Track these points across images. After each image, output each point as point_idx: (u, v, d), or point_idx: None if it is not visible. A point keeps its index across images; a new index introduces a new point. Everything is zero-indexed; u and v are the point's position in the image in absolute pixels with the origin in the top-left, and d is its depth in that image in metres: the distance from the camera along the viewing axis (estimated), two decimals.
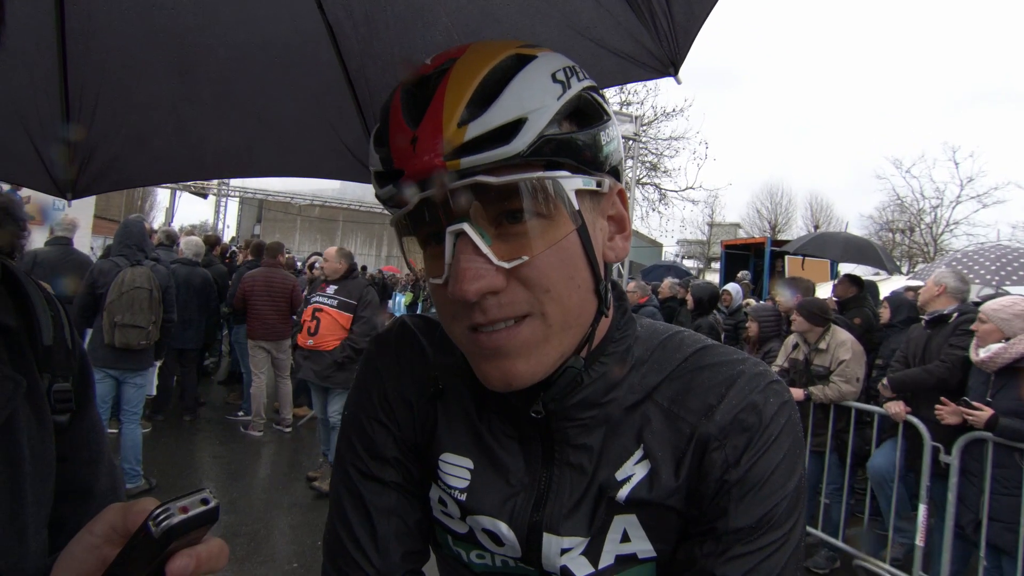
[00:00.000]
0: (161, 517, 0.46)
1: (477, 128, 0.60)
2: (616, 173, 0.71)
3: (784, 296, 5.47)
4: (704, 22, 1.07)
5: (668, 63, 1.16)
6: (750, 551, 0.66)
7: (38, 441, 0.66)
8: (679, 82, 1.18)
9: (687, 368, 0.74)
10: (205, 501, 0.48)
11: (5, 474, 0.61)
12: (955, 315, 4.11)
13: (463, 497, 0.77)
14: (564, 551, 0.72)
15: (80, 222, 6.62)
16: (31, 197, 9.12)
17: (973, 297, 5.10)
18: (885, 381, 4.22)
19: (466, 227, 0.62)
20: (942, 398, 3.76)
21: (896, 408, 4.08)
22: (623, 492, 0.71)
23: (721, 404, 0.70)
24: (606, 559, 0.73)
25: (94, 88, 1.35)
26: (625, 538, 0.72)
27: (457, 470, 0.78)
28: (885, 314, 5.67)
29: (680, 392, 0.73)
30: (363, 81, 1.41)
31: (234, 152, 1.68)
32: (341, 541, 0.80)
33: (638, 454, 0.72)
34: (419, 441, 0.82)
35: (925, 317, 4.32)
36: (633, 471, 0.72)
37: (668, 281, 8.55)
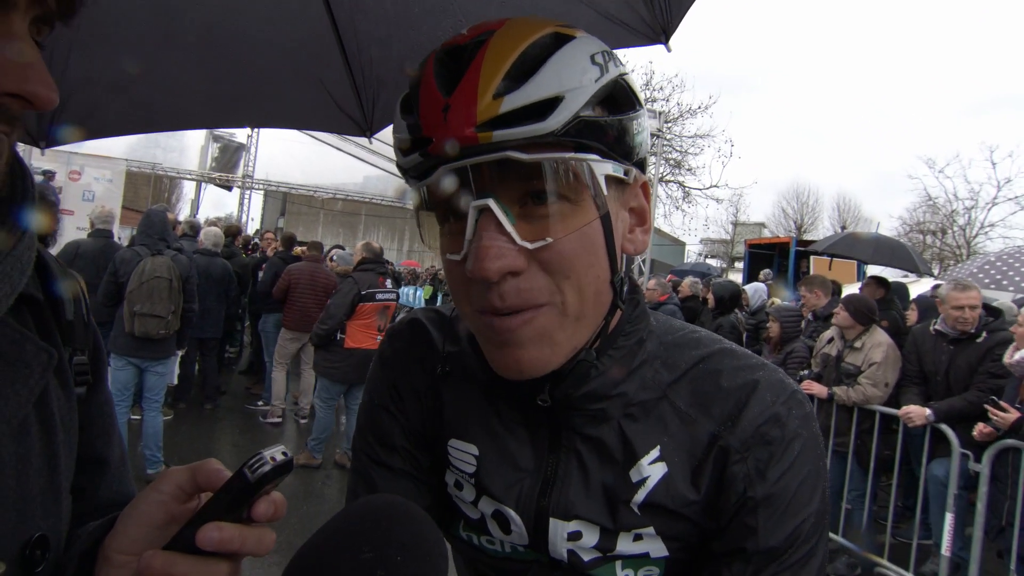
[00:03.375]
0: (256, 465, 0.52)
1: (513, 101, 0.58)
2: (642, 165, 0.70)
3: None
4: None
5: (660, 31, 1.20)
6: (781, 569, 0.66)
7: (66, 411, 0.69)
8: (669, 50, 1.23)
9: (704, 370, 0.73)
10: (284, 454, 0.54)
11: (43, 442, 0.64)
12: (984, 334, 3.97)
13: (473, 481, 0.77)
14: (571, 535, 0.72)
15: (115, 212, 6.76)
16: (64, 188, 9.34)
17: (1008, 302, 4.93)
18: (929, 414, 4.00)
19: (491, 203, 0.60)
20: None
21: (919, 414, 3.96)
22: (640, 496, 0.70)
23: (743, 413, 0.69)
24: (617, 555, 0.72)
25: (66, 35, 1.32)
26: (638, 538, 0.72)
27: (464, 456, 0.78)
28: (913, 316, 5.53)
29: (697, 395, 0.72)
30: (351, 33, 1.39)
31: (218, 102, 1.67)
32: None
33: (654, 454, 0.71)
34: (428, 430, 0.83)
35: (941, 329, 4.15)
36: (649, 472, 0.71)
37: (688, 280, 8.43)
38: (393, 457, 0.82)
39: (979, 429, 3.62)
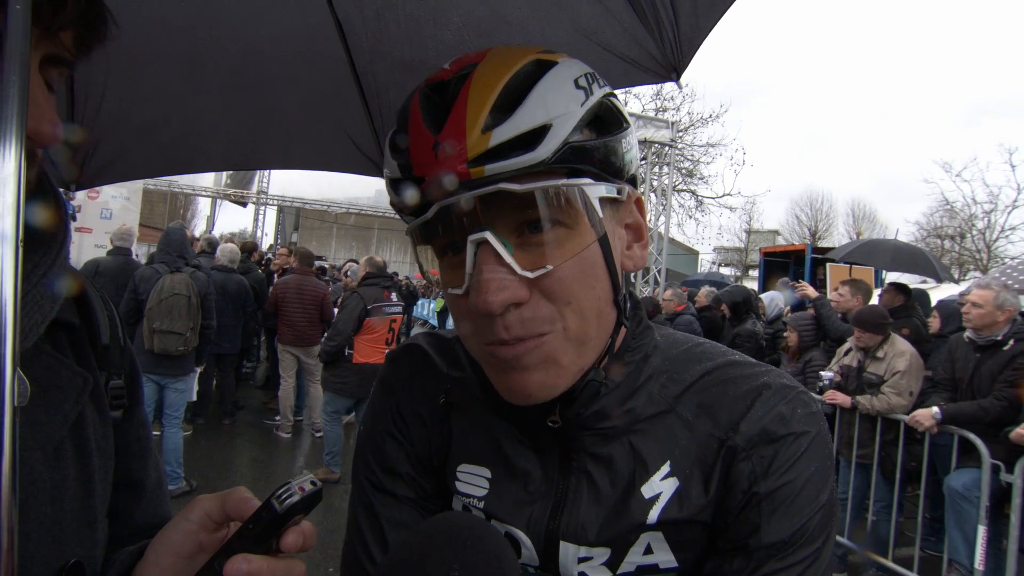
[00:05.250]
0: (284, 495, 0.52)
1: (502, 134, 0.59)
2: (634, 181, 0.70)
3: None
4: (709, 33, 1.10)
5: (671, 69, 1.19)
6: (783, 567, 0.64)
7: (101, 436, 0.69)
8: (680, 87, 1.32)
9: (711, 381, 0.72)
10: (313, 483, 0.54)
11: (78, 467, 0.64)
12: (1011, 342, 3.89)
13: (482, 505, 0.76)
14: (582, 559, 0.71)
15: (134, 230, 6.85)
16: (82, 207, 9.49)
17: None
18: (936, 412, 3.97)
19: (488, 236, 0.61)
20: None
21: (928, 422, 3.91)
22: (653, 513, 0.69)
23: (748, 415, 0.68)
24: (626, 568, 0.71)
25: (100, 79, 1.36)
26: (648, 551, 0.70)
27: (476, 479, 0.78)
28: (935, 324, 5.44)
29: (705, 405, 0.71)
30: (370, 77, 1.42)
31: (240, 144, 1.70)
32: (356, 554, 0.80)
33: (665, 470, 0.70)
34: (434, 456, 0.82)
35: (971, 336, 4.09)
36: (661, 488, 0.70)
37: (705, 290, 8.36)
38: (397, 484, 0.81)
39: (1018, 432, 3.52)
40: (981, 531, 3.62)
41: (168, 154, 1.70)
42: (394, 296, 5.71)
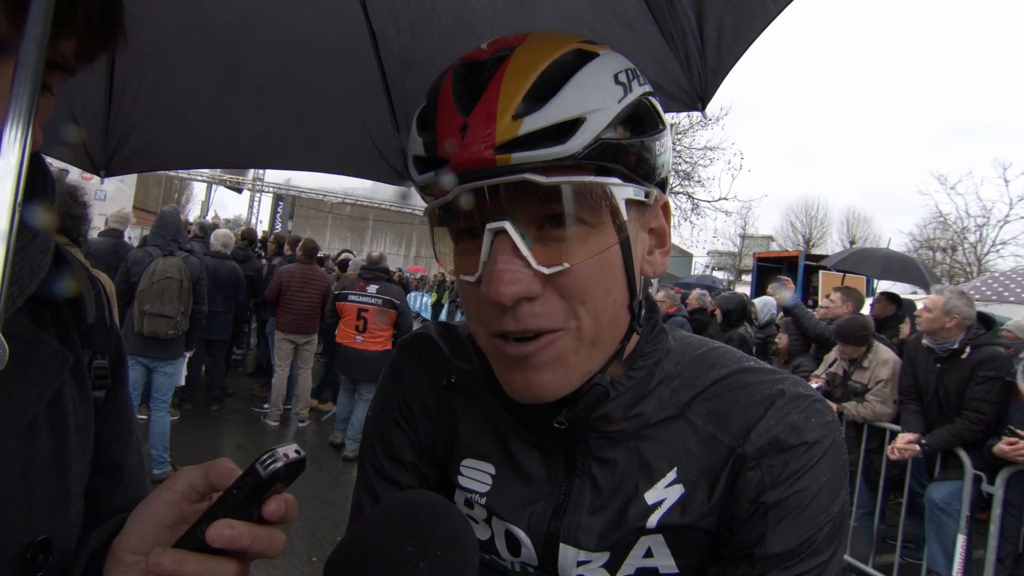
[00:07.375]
0: (268, 461, 0.52)
1: (533, 123, 0.57)
2: (663, 184, 0.68)
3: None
4: (731, 69, 1.10)
5: (696, 98, 1.20)
6: None
7: (81, 415, 0.68)
8: (705, 116, 1.26)
9: (724, 387, 0.70)
10: (298, 452, 0.54)
11: (53, 445, 0.63)
12: (967, 350, 3.85)
13: (484, 501, 0.75)
14: (581, 563, 0.70)
15: (131, 215, 6.81)
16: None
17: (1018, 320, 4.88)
18: (918, 450, 3.97)
19: (507, 226, 0.59)
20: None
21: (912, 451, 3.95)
22: (654, 518, 0.68)
23: (759, 424, 0.66)
24: (625, 571, 0.70)
25: (139, 73, 1.39)
26: (648, 554, 0.69)
27: (479, 475, 0.77)
28: (906, 329, 5.50)
29: (716, 412, 0.69)
30: (400, 87, 1.43)
31: (268, 144, 1.72)
32: None
33: (671, 476, 0.69)
34: (438, 447, 0.81)
35: (928, 344, 4.06)
36: (665, 495, 0.68)
37: (696, 292, 8.38)
38: (401, 472, 0.80)
39: (1000, 447, 3.52)
40: (960, 540, 3.65)
41: (196, 149, 1.72)
42: (371, 288, 5.91)
